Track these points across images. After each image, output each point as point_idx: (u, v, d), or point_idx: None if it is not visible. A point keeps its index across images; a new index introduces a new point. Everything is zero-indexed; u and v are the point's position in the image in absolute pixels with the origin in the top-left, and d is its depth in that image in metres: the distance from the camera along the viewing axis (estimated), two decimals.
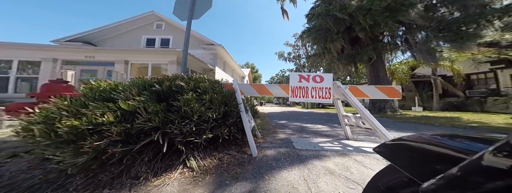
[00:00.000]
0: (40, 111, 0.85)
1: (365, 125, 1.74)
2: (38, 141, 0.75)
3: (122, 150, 0.82)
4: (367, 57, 5.98)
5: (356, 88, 1.84)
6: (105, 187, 0.81)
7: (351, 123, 1.99)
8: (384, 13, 4.58)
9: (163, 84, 1.14)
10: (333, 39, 5.92)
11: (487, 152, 0.18)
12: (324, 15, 5.61)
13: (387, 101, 6.29)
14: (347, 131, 2.09)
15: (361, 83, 14.78)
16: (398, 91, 1.75)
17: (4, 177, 0.84)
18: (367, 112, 1.54)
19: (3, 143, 1.31)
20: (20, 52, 5.74)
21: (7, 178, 0.82)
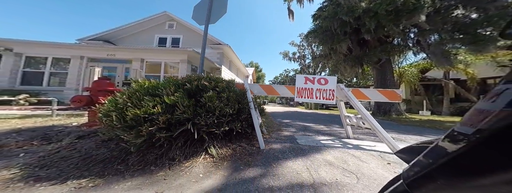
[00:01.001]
0: (110, 102, 1.10)
1: (365, 125, 1.86)
2: (114, 124, 0.99)
3: (166, 136, 1.04)
4: (375, 59, 5.92)
5: (358, 91, 1.96)
6: (151, 165, 1.04)
7: (352, 123, 2.12)
8: (389, 16, 4.52)
9: (192, 83, 1.35)
10: (340, 40, 5.91)
11: (441, 139, 0.22)
12: (331, 17, 5.62)
13: (392, 104, 6.20)
14: (348, 131, 2.21)
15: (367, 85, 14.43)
16: (399, 95, 1.85)
17: (81, 152, 1.09)
18: (367, 113, 1.66)
19: (66, 128, 1.62)
20: (54, 50, 6.39)
21: (84, 153, 1.08)
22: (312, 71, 23.67)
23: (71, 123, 1.92)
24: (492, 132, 0.17)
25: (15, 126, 1.72)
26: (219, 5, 2.69)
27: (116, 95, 1.16)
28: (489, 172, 0.17)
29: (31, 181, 0.85)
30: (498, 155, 0.16)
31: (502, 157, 0.16)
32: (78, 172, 0.94)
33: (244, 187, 0.93)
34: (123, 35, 9.17)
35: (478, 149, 0.18)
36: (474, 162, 0.18)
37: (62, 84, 6.43)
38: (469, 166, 0.19)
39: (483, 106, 0.19)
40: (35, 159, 1.05)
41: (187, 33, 9.43)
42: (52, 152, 1.13)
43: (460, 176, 0.19)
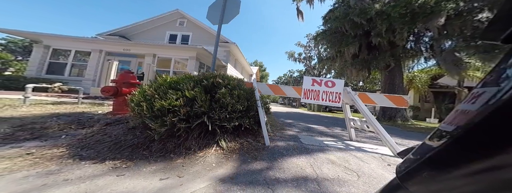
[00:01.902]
0: (139, 93, 1.22)
1: (369, 128, 1.88)
2: (145, 111, 1.11)
3: (185, 126, 1.15)
4: (384, 63, 5.73)
5: (365, 95, 1.97)
6: (171, 152, 1.16)
7: (356, 126, 2.13)
8: (402, 19, 4.31)
9: (208, 80, 1.45)
10: (348, 43, 5.78)
11: (428, 137, 0.24)
12: (342, 18, 5.47)
13: (398, 110, 6.03)
14: (351, 133, 2.24)
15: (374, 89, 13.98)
16: (406, 101, 1.84)
17: (112, 137, 1.24)
18: (372, 116, 1.69)
19: (94, 115, 1.80)
20: (77, 44, 6.82)
21: (114, 139, 1.22)
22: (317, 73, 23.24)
23: (96, 111, 2.12)
24: (468, 129, 0.18)
25: (53, 111, 1.92)
26: (232, 6, 2.75)
27: (144, 88, 1.28)
28: (464, 164, 0.18)
29: (77, 159, 0.99)
30: (472, 149, 0.18)
31: (475, 151, 0.18)
32: (112, 154, 1.07)
33: (253, 177, 1.01)
34: (137, 31, 9.50)
35: (455, 144, 0.19)
36: (452, 156, 0.20)
37: (80, 75, 6.86)
38: (448, 159, 0.20)
39: (463, 107, 0.20)
40: (75, 141, 1.20)
41: (197, 31, 9.59)
42: (87, 135, 1.29)
43: (440, 168, 0.21)
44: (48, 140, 1.21)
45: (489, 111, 0.17)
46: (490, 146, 0.16)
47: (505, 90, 0.16)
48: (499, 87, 0.17)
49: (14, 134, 1.26)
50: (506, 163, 0.15)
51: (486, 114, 0.17)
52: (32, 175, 0.82)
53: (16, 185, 0.74)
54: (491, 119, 0.17)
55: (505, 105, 0.16)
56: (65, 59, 6.89)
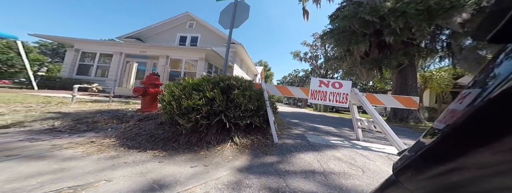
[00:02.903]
0: (168, 94, 1.43)
1: (376, 128, 1.91)
2: (174, 109, 1.31)
3: (206, 123, 1.33)
4: (396, 62, 5.46)
5: (372, 96, 1.99)
6: (194, 145, 1.34)
7: (363, 126, 2.16)
8: (420, 16, 4.04)
9: (224, 82, 1.61)
10: (358, 42, 5.59)
11: (422, 135, 0.24)
12: (351, 17, 5.30)
13: (411, 111, 5.73)
14: (358, 133, 2.27)
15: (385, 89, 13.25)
16: (415, 102, 1.83)
17: (147, 131, 1.47)
18: (379, 117, 1.72)
19: (127, 112, 2.08)
20: (102, 47, 7.53)
21: (148, 132, 1.45)
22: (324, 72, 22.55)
23: (127, 108, 2.42)
24: (455, 128, 0.19)
25: (95, 108, 2.25)
26: (242, 11, 2.88)
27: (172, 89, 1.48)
28: (450, 160, 0.19)
29: (126, 147, 1.21)
30: (457, 146, 0.19)
31: (460, 148, 0.18)
32: (150, 145, 1.28)
33: (265, 168, 1.15)
34: (150, 34, 10.09)
35: (443, 141, 0.20)
36: (440, 152, 0.21)
37: (104, 75, 7.54)
38: (436, 156, 0.21)
39: (453, 107, 0.21)
40: (119, 133, 1.45)
41: (205, 32, 9.90)
42: (127, 129, 1.53)
43: (430, 164, 0.21)
44: (100, 132, 1.47)
45: (472, 111, 0.18)
46: (472, 143, 0.17)
47: (486, 93, 0.17)
48: (481, 89, 0.18)
49: (76, 126, 1.55)
50: (485, 159, 0.16)
51: (469, 114, 0.18)
52: (102, 158, 1.05)
53: (96, 164, 0.97)
54: (473, 118, 0.18)
55: (485, 106, 0.17)
56: (91, 61, 7.61)
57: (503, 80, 0.16)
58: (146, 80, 2.18)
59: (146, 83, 2.15)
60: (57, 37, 7.22)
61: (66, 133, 1.41)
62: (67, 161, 0.98)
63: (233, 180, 0.94)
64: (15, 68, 7.15)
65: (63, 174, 0.83)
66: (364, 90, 17.57)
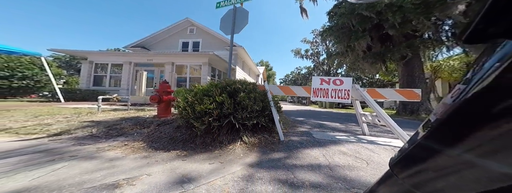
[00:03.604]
0: (183, 100, 1.60)
1: (380, 122, 1.95)
2: (189, 114, 1.47)
3: (218, 125, 1.47)
4: (399, 55, 5.34)
5: (374, 90, 2.03)
6: (209, 145, 1.49)
7: (367, 120, 2.20)
8: (417, 9, 4.00)
9: (231, 86, 1.76)
10: (358, 37, 5.53)
11: (419, 128, 0.24)
12: (349, 14, 5.28)
13: (421, 103, 5.54)
14: (364, 128, 2.30)
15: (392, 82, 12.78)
16: (417, 94, 1.85)
17: (167, 134, 1.64)
18: (382, 111, 1.76)
19: (146, 118, 2.31)
20: (112, 58, 8.06)
21: (169, 135, 1.62)
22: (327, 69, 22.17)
23: (145, 115, 2.65)
24: (442, 121, 0.20)
25: (119, 116, 2.50)
26: (242, 17, 3.03)
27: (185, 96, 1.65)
28: (437, 152, 0.19)
29: (153, 148, 1.38)
30: (444, 139, 0.19)
31: (445, 140, 0.19)
32: (172, 146, 1.44)
33: (274, 163, 1.26)
34: (154, 42, 10.56)
35: (433, 134, 0.21)
36: (430, 144, 0.21)
37: (117, 85, 8.05)
38: (426, 148, 0.21)
39: (445, 101, 0.21)
40: (145, 137, 1.64)
41: (206, 37, 10.21)
42: (150, 133, 1.72)
43: (420, 156, 0.22)
44: (128, 136, 1.67)
45: (454, 107, 0.18)
46: (454, 138, 0.18)
47: (466, 90, 0.18)
48: (466, 85, 0.19)
49: (108, 132, 1.76)
50: (467, 154, 0.16)
51: (452, 110, 0.19)
52: (137, 157, 1.22)
53: (134, 162, 1.15)
54: (455, 114, 0.18)
55: (463, 104, 0.18)
56: (103, 72, 8.16)
57: (478, 80, 0.17)
58: (159, 89, 2.40)
59: (160, 92, 2.36)
60: (72, 50, 7.82)
61: (103, 138, 1.63)
62: (113, 160, 1.17)
63: (246, 174, 1.06)
64: (41, 83, 7.87)
65: (115, 170, 1.02)
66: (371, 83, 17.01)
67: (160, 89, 2.38)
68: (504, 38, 0.16)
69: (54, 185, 0.83)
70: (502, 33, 0.15)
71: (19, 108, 3.14)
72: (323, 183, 0.97)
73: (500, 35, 0.16)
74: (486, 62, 0.18)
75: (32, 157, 1.18)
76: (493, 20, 0.15)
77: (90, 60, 7.86)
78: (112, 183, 0.87)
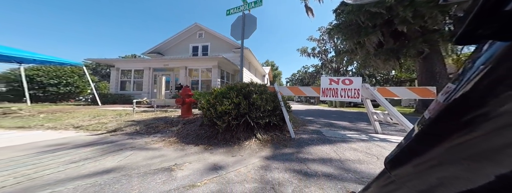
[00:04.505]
0: (206, 102, 1.85)
1: (392, 120, 1.94)
2: (212, 114, 1.71)
3: (235, 123, 1.67)
4: (414, 51, 4.99)
5: (385, 89, 2.03)
6: (229, 141, 1.69)
7: (379, 119, 2.19)
8: (429, 3, 3.74)
9: (245, 89, 1.95)
10: (368, 33, 5.32)
11: (415, 124, 0.25)
12: (356, 11, 5.12)
13: None
14: (376, 126, 2.29)
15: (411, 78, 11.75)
16: (432, 92, 1.81)
17: (193, 132, 1.90)
18: (394, 109, 1.77)
19: (172, 118, 2.64)
20: (135, 64, 8.96)
21: (194, 133, 1.88)
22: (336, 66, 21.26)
23: (170, 115, 3.01)
24: (433, 119, 0.20)
25: (151, 117, 2.90)
26: (250, 22, 3.22)
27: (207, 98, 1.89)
28: (431, 148, 0.19)
29: (184, 143, 1.63)
30: (437, 135, 0.20)
31: (439, 136, 0.19)
32: (199, 141, 1.68)
33: (287, 157, 1.39)
34: (167, 47, 11.32)
35: (424, 131, 0.21)
36: (420, 142, 0.21)
37: (139, 89, 8.91)
38: (417, 145, 0.22)
39: (438, 98, 0.21)
40: (175, 133, 1.92)
41: (214, 40, 10.66)
42: (179, 131, 2.00)
43: (411, 153, 0.22)
44: (163, 133, 1.97)
45: (446, 105, 0.19)
46: (445, 135, 0.18)
47: (457, 89, 0.18)
48: (455, 85, 0.19)
49: (148, 129, 2.10)
50: (456, 152, 0.17)
51: (443, 108, 0.19)
52: (176, 149, 1.48)
53: (175, 153, 1.41)
54: (446, 112, 0.19)
55: (454, 102, 0.18)
56: (126, 77, 9.11)
57: (466, 80, 0.17)
58: (182, 92, 2.72)
59: (183, 95, 2.68)
60: (102, 59, 8.90)
61: (145, 134, 1.95)
62: (160, 151, 1.44)
63: (264, 165, 1.22)
64: (79, 89, 9.14)
65: (165, 158, 1.28)
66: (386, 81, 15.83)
67: (183, 92, 2.70)
68: (492, 39, 0.16)
69: (133, 166, 1.12)
70: (491, 34, 0.15)
71: (74, 110, 3.76)
72: (334, 173, 1.08)
73: (489, 37, 0.16)
74: (474, 62, 0.18)
75: (107, 147, 1.52)
76: (482, 21, 0.15)
77: (117, 67, 8.86)
78: (167, 167, 1.11)
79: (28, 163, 1.13)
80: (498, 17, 0.14)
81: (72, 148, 1.46)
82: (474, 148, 0.16)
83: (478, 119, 0.16)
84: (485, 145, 0.15)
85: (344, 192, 0.85)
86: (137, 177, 0.97)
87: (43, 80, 7.95)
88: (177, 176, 0.99)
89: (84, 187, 0.85)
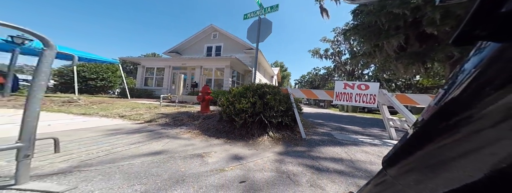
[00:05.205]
0: (226, 100, 2.07)
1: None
2: (231, 111, 1.92)
3: (251, 120, 1.84)
4: (443, 55, 4.51)
5: (404, 96, 1.97)
6: (244, 136, 1.87)
7: (396, 125, 2.13)
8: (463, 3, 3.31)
9: (260, 90, 2.11)
10: (389, 36, 4.98)
11: (413, 124, 0.25)
12: (377, 12, 4.84)
13: None
14: (391, 132, 2.22)
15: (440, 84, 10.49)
16: None
17: (213, 126, 2.15)
18: (411, 116, 1.73)
19: (193, 113, 2.97)
20: (157, 62, 9.86)
21: (214, 127, 2.12)
22: (350, 69, 20.07)
23: (190, 110, 3.35)
24: (427, 120, 0.22)
25: (175, 111, 3.29)
26: (266, 27, 3.35)
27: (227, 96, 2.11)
28: (421, 149, 0.20)
29: (207, 136, 1.87)
30: (428, 134, 0.21)
31: (430, 135, 0.20)
32: (219, 135, 1.90)
33: (299, 154, 1.50)
34: (185, 47, 12.09)
35: (415, 134, 0.23)
36: (415, 142, 0.23)
37: (160, 85, 9.79)
38: (411, 146, 0.23)
39: (430, 103, 0.22)
40: (197, 127, 2.18)
41: (227, 41, 11.07)
42: (200, 124, 2.27)
43: (404, 153, 0.24)
44: (188, 126, 2.26)
45: (436, 109, 0.20)
46: (434, 137, 0.19)
47: (445, 94, 0.19)
48: (443, 90, 0.20)
49: (175, 122, 2.42)
50: (444, 153, 0.17)
51: (434, 111, 0.20)
52: (202, 140, 1.72)
53: (202, 143, 1.64)
54: (435, 115, 0.20)
55: (442, 106, 0.19)
56: (150, 74, 10.07)
57: (453, 85, 0.18)
58: (202, 90, 3.02)
59: (203, 92, 2.98)
60: (131, 57, 10.02)
61: (174, 126, 2.25)
62: (189, 140, 1.68)
63: (278, 158, 1.35)
64: (111, 83, 10.46)
65: (195, 146, 1.50)
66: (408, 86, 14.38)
67: (203, 90, 3.00)
68: (488, 40, 0.16)
69: (173, 150, 1.36)
70: (487, 35, 0.15)
71: (113, 102, 4.35)
72: (345, 171, 1.16)
73: (485, 38, 0.16)
74: (461, 67, 0.19)
75: (149, 134, 1.79)
76: (479, 22, 0.15)
77: (142, 64, 9.88)
78: (198, 153, 1.32)
79: (104, 142, 1.45)
80: (495, 18, 0.14)
81: (125, 133, 1.77)
82: (462, 148, 0.16)
83: (465, 120, 0.16)
84: (473, 145, 0.15)
85: (355, 186, 0.94)
86: (180, 159, 1.19)
87: (86, 75, 9.36)
88: (208, 161, 1.19)
89: (148, 163, 1.10)
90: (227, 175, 1.00)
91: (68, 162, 1.02)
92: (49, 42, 0.75)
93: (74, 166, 0.98)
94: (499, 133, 0.14)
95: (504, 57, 0.15)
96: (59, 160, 1.04)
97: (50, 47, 0.76)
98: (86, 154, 1.16)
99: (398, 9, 4.36)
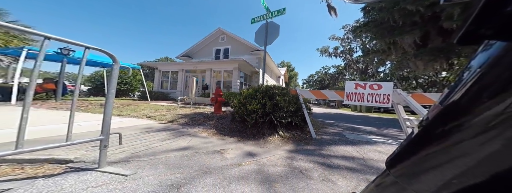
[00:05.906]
0: (238, 102, 2.23)
1: None
2: (243, 112, 2.08)
3: (261, 121, 1.96)
4: (470, 49, 4.07)
5: (420, 95, 1.88)
6: (255, 135, 1.98)
7: (413, 125, 2.02)
8: None
9: (270, 91, 2.22)
10: (403, 32, 4.66)
11: (416, 125, 0.25)
12: (390, 8, 4.58)
13: None
14: (408, 133, 2.11)
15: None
16: None
17: (226, 126, 2.32)
18: None
19: (207, 114, 3.23)
20: (172, 67, 10.60)
21: (227, 127, 2.30)
22: (363, 67, 18.91)
23: (204, 111, 3.62)
24: (429, 120, 0.22)
25: (191, 112, 3.59)
26: (273, 30, 3.45)
27: (239, 98, 2.27)
28: (425, 146, 0.20)
29: (222, 134, 2.04)
30: (432, 134, 0.20)
31: (434, 135, 0.20)
32: (232, 134, 2.05)
33: (310, 152, 1.55)
34: (195, 51, 12.73)
35: (420, 133, 0.23)
36: (420, 141, 0.22)
37: (174, 88, 10.51)
38: (416, 145, 0.23)
39: (437, 101, 0.22)
40: (213, 126, 2.38)
41: (234, 43, 11.41)
42: (215, 124, 2.46)
43: (409, 153, 0.23)
44: (204, 126, 2.47)
45: (440, 108, 0.20)
46: (438, 136, 0.19)
47: (450, 93, 0.19)
48: (447, 91, 0.20)
49: (192, 122, 2.67)
50: (448, 152, 0.17)
51: (438, 111, 0.20)
52: (218, 139, 1.89)
53: (218, 141, 1.80)
54: (440, 114, 0.20)
55: (444, 108, 0.19)
56: (165, 78, 10.88)
57: (458, 86, 0.18)
58: (215, 92, 3.25)
59: (216, 94, 3.21)
60: (148, 62, 10.98)
61: (192, 126, 2.48)
62: (208, 138, 1.86)
63: (289, 156, 1.43)
64: (132, 87, 11.60)
65: (213, 144, 1.66)
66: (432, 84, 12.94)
67: (216, 92, 3.23)
68: (494, 39, 0.16)
69: (196, 147, 1.54)
70: (492, 34, 0.14)
71: (137, 104, 4.86)
72: (357, 168, 1.19)
73: (490, 37, 0.15)
74: (467, 67, 0.19)
75: (174, 132, 2.01)
76: (484, 21, 0.14)
77: (159, 69, 10.76)
78: (218, 150, 1.48)
79: (142, 138, 1.68)
80: (500, 17, 0.14)
81: (155, 132, 2.01)
82: (467, 148, 0.16)
83: (470, 119, 0.16)
84: (478, 145, 0.15)
85: (366, 182, 0.97)
86: (203, 154, 1.36)
87: None
88: (227, 157, 1.33)
89: (179, 156, 1.29)
90: (244, 168, 1.12)
91: (123, 154, 1.27)
92: (116, 58, 0.99)
93: (128, 157, 1.22)
94: (505, 133, 0.13)
95: (510, 55, 0.14)
96: (117, 152, 1.29)
97: (117, 63, 1.00)
98: (133, 148, 1.40)
99: (412, 6, 4.09)
